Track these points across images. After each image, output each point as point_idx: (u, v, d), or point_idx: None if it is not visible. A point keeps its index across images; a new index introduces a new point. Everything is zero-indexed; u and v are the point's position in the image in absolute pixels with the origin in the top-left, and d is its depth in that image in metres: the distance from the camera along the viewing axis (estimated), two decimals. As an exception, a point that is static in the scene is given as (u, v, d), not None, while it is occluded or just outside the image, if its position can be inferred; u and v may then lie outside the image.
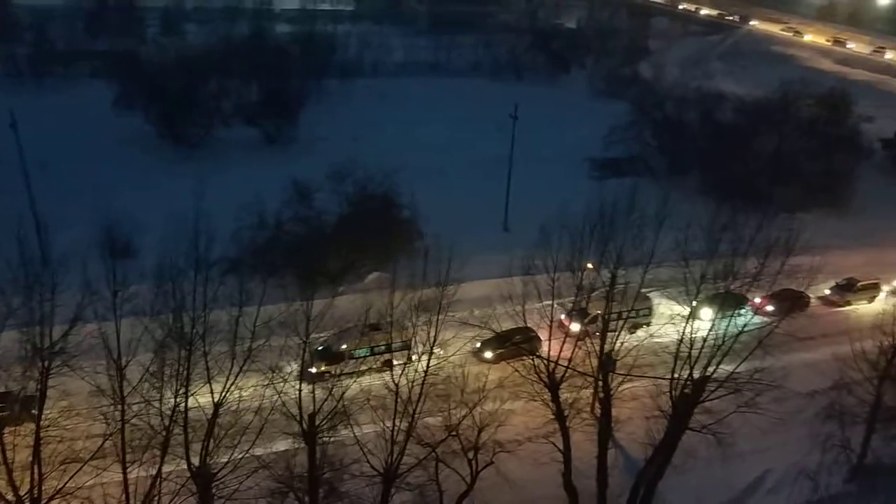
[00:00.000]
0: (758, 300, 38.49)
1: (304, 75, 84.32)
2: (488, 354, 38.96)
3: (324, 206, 47.61)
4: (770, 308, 39.66)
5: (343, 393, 25.88)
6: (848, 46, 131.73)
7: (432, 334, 26.17)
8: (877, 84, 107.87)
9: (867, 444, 32.10)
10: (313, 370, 33.78)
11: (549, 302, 30.22)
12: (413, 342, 30.56)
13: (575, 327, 36.42)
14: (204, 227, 23.38)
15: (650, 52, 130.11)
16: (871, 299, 49.38)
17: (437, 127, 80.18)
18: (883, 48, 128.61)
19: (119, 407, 22.40)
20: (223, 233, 32.09)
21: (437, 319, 26.21)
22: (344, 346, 36.14)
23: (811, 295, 46.05)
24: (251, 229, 45.14)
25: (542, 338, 35.56)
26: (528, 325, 33.04)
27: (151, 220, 40.42)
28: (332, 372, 29.92)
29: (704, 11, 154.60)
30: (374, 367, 36.71)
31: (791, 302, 39.38)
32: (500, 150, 59.55)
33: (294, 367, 27.52)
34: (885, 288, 50.77)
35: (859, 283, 49.38)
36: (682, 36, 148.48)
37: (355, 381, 29.84)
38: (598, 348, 29.32)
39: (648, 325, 34.78)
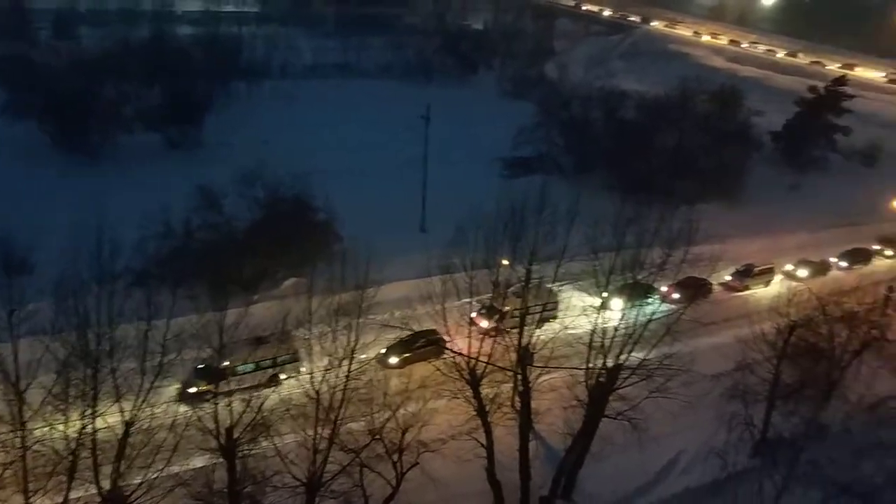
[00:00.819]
0: (664, 289, 40.14)
1: (209, 78, 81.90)
2: (393, 360, 37.72)
3: (234, 212, 46.25)
4: (676, 296, 41.49)
5: (262, 404, 25.32)
6: (743, 46, 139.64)
7: (353, 338, 25.95)
8: (764, 80, 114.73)
9: (768, 421, 33.87)
10: (192, 390, 32.21)
11: (468, 300, 30.60)
12: (303, 353, 29.58)
13: (484, 324, 37.08)
14: (107, 238, 22.37)
15: (555, 53, 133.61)
16: (768, 283, 52.40)
17: (349, 129, 79.67)
18: (756, 43, 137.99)
19: (19, 433, 21.12)
20: (128, 243, 30.83)
21: (358, 323, 26.02)
22: (226, 363, 31.68)
23: (713, 282, 48.37)
24: (157, 238, 43.26)
25: (447, 339, 35.21)
26: (433, 328, 33.13)
27: (50, 233, 38.08)
28: (213, 391, 27.23)
29: (607, 12, 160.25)
30: (261, 383, 33.46)
31: (695, 289, 41.36)
32: (413, 151, 59.73)
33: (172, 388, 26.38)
34: (779, 272, 53.98)
35: (756, 269, 52.23)
36: (584, 36, 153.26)
37: (274, 391, 29.25)
38: (516, 343, 29.87)
39: (555, 318, 35.43)
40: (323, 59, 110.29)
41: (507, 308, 34.44)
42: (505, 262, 30.59)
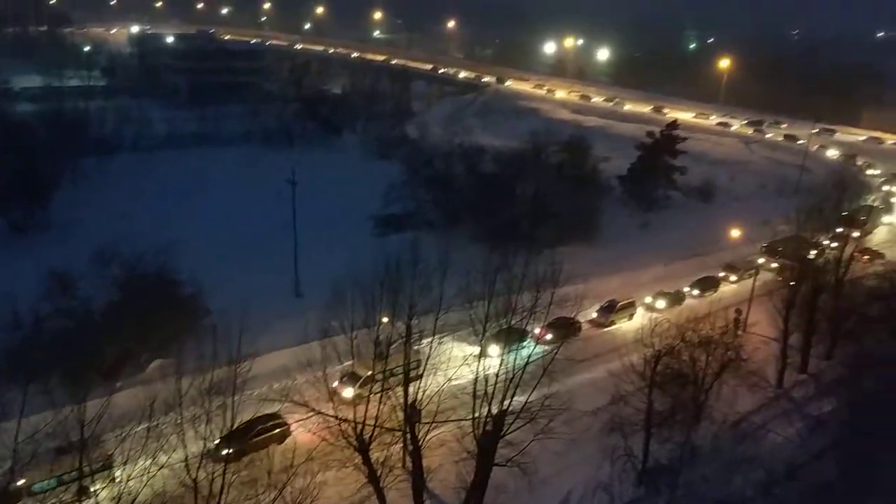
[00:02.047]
0: (537, 331, 41.37)
1: (55, 155, 76.92)
2: (226, 452, 31.74)
3: (90, 294, 43.25)
4: (549, 336, 42.83)
5: (134, 499, 23.39)
6: (594, 100, 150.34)
7: (229, 417, 24.71)
8: (607, 128, 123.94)
9: (647, 449, 35.32)
10: None
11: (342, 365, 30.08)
12: (118, 459, 26.05)
13: (348, 393, 36.52)
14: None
15: (414, 114, 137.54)
16: (631, 317, 55.35)
17: (212, 198, 77.38)
18: (588, 97, 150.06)
19: None
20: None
21: (234, 400, 24.85)
22: (22, 481, 26.43)
23: (581, 320, 50.60)
24: (3, 330, 39.53)
25: (293, 420, 33.97)
26: (274, 412, 31.95)
27: None
28: None
29: (463, 74, 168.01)
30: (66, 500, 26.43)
31: (566, 328, 43.11)
32: (282, 216, 58.78)
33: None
34: (640, 305, 57.35)
35: (619, 304, 54.89)
36: (440, 97, 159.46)
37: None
38: (402, 402, 29.65)
39: (420, 376, 34.28)
40: (178, 129, 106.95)
41: (368, 373, 34.13)
42: (385, 319, 30.55)
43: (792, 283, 47.89)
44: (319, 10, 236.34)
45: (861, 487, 31.67)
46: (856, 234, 56.52)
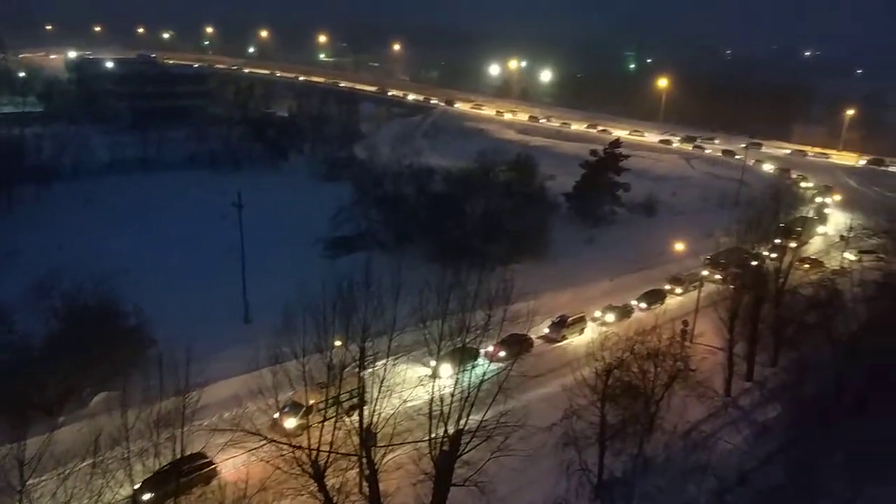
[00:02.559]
0: (490, 348, 41.60)
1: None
2: (147, 497, 30.22)
3: (28, 327, 41.63)
4: (502, 354, 43.08)
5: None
6: (541, 120, 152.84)
7: (178, 449, 24.04)
8: (553, 147, 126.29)
9: (602, 462, 35.57)
10: None
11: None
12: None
13: (290, 423, 35.77)
14: None
15: (362, 135, 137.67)
16: (581, 331, 56.09)
17: (157, 224, 75.77)
18: (535, 118, 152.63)
19: None
20: None
21: (182, 432, 24.20)
22: None
23: (533, 336, 51.03)
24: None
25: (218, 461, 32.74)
26: (200, 451, 31.46)
27: None
28: None
29: (412, 96, 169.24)
30: None
31: (518, 345, 43.39)
32: (229, 240, 57.83)
33: None
34: (590, 319, 58.19)
35: (570, 319, 55.61)
36: (388, 119, 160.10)
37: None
38: (356, 426, 29.32)
39: (363, 404, 32.18)
40: (121, 154, 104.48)
41: (311, 402, 33.55)
42: (338, 342, 30.23)
43: (737, 292, 49.24)
44: (264, 33, 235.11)
45: (808, 490, 32.58)
46: (793, 244, 58.64)
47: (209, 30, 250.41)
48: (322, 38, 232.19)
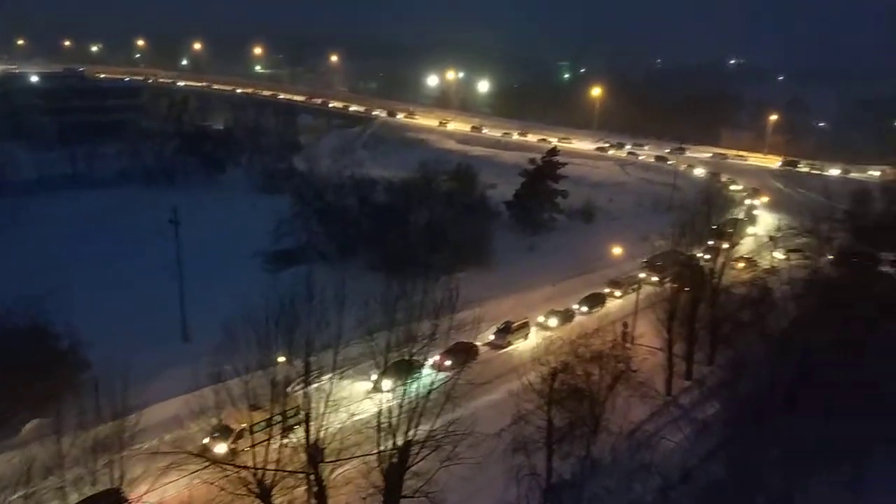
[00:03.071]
0: (437, 358, 41.57)
1: None
2: None
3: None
4: (448, 363, 43.20)
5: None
6: (484, 131, 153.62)
7: (116, 475, 23.21)
8: (493, 157, 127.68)
9: (550, 466, 35.92)
10: None
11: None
12: None
13: (220, 448, 34.77)
14: None
15: (301, 147, 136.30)
16: (526, 336, 56.66)
17: (89, 243, 73.19)
18: (478, 128, 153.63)
19: None
20: None
21: (121, 457, 23.37)
22: None
23: (479, 343, 51.33)
24: None
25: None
26: (116, 487, 30.42)
27: None
28: None
29: (353, 108, 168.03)
30: None
31: (464, 354, 43.57)
32: (166, 257, 56.32)
33: None
34: (533, 324, 58.84)
35: (514, 325, 56.19)
36: (327, 130, 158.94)
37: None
38: (303, 442, 28.87)
39: (299, 425, 31.16)
40: (48, 171, 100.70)
41: (242, 425, 33.00)
42: (281, 358, 29.75)
43: (674, 294, 50.60)
44: (197, 45, 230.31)
45: (748, 485, 33.63)
46: (725, 245, 60.73)
47: (140, 42, 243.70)
48: (258, 50, 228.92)
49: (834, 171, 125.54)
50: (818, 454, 33.41)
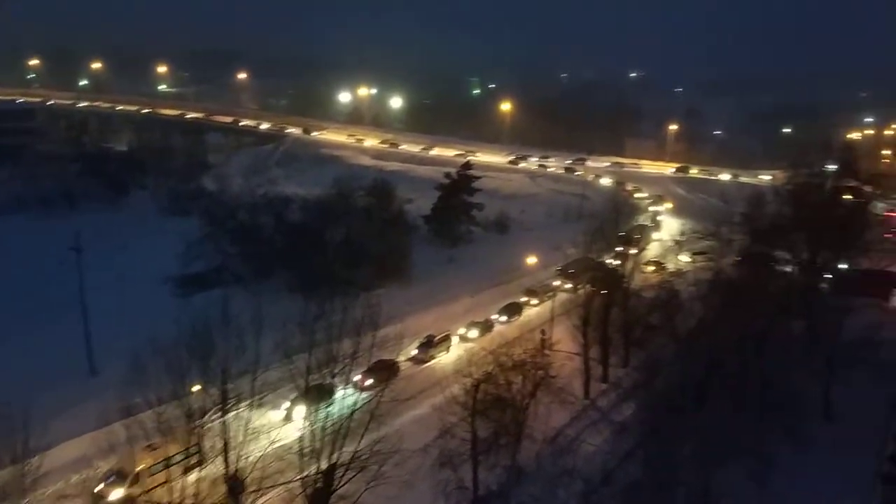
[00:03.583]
0: (358, 377, 40.45)
1: None
2: None
3: None
4: (369, 382, 42.62)
5: None
6: (401, 147, 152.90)
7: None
8: (408, 172, 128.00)
9: (476, 478, 36.19)
10: None
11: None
12: None
13: (116, 495, 33.15)
14: None
15: (211, 166, 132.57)
16: (448, 349, 56.92)
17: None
18: (395, 143, 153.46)
19: None
20: None
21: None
22: None
23: (403, 358, 50.94)
24: None
25: None
26: None
27: None
28: None
29: (265, 126, 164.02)
30: None
31: (385, 371, 43.10)
32: (68, 286, 53.44)
33: None
34: (455, 337, 59.29)
35: (436, 339, 56.43)
36: (237, 149, 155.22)
37: None
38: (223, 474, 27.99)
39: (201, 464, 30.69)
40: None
41: (140, 467, 31.71)
42: (196, 387, 28.75)
43: (587, 299, 52.07)
44: (97, 65, 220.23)
45: (665, 482, 34.90)
46: (633, 251, 63.07)
47: (33, 62, 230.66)
48: (162, 69, 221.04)
49: (724, 176, 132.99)
50: (727, 448, 35.08)
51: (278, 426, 30.62)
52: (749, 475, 35.41)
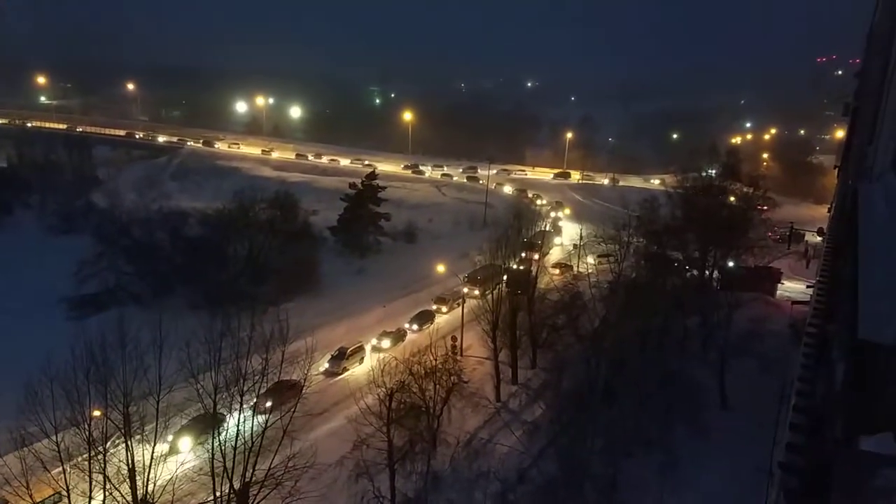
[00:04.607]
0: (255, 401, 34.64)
1: None
2: None
3: None
4: (269, 404, 36.07)
5: None
6: (309, 155, 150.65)
7: None
8: (312, 183, 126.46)
9: (393, 486, 36.25)
10: None
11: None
12: None
13: None
14: None
15: (100, 181, 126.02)
16: (361, 360, 56.54)
17: None
18: (304, 155, 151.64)
19: None
20: None
21: None
22: None
23: (315, 371, 50.01)
24: None
25: None
26: None
27: None
28: None
29: (162, 138, 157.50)
30: None
31: (286, 392, 40.75)
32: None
33: None
34: (368, 347, 59.05)
35: (348, 350, 56.01)
36: (129, 162, 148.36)
37: None
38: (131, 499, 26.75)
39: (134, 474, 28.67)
40: None
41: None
42: (97, 412, 27.35)
43: (495, 305, 53.11)
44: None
45: (577, 476, 36.10)
46: (536, 256, 64.84)
47: None
48: (41, 79, 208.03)
49: (605, 181, 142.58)
50: (634, 441, 36.73)
51: (161, 459, 28.75)
52: (656, 466, 37.11)
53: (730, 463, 38.20)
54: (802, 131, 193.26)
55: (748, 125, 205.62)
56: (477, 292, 66.93)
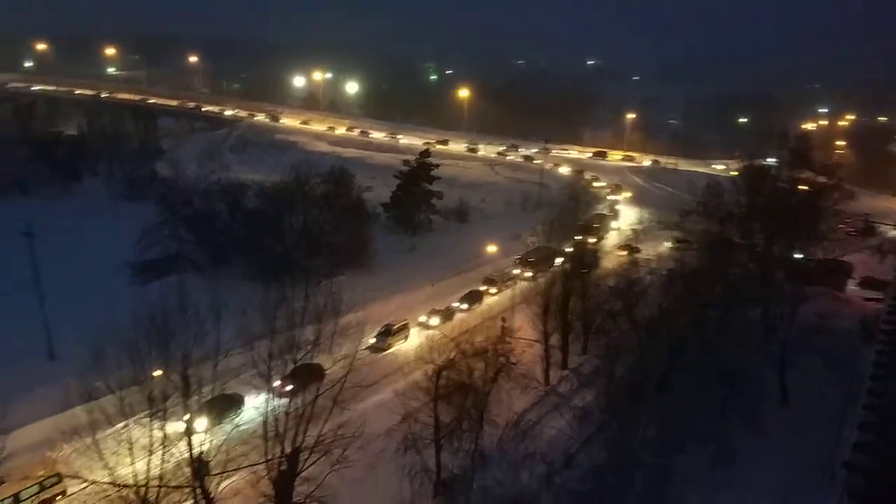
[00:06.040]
0: (277, 383, 32.41)
1: None
2: None
3: None
4: (289, 388, 32.95)
5: None
6: (372, 132, 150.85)
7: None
8: (366, 159, 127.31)
9: (439, 461, 36.62)
10: None
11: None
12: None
13: None
14: None
15: (164, 151, 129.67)
16: (406, 338, 56.94)
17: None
18: (367, 132, 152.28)
19: None
20: None
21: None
22: None
23: (362, 346, 49.81)
24: None
25: None
26: None
27: None
28: None
29: (229, 112, 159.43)
30: None
31: (308, 377, 40.12)
32: (21, 272, 51.84)
33: None
34: (415, 324, 59.20)
35: (394, 327, 56.37)
36: (190, 133, 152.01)
37: None
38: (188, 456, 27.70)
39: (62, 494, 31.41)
40: None
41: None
42: (158, 372, 28.33)
43: (547, 288, 52.60)
44: (42, 46, 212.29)
45: (628, 465, 35.66)
46: (592, 240, 63.75)
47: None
48: (110, 51, 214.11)
49: (646, 163, 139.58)
50: (688, 433, 36.05)
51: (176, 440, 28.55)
52: (709, 460, 36.39)
53: (788, 460, 37.20)
54: (883, 118, 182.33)
55: (823, 111, 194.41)
56: (529, 274, 66.56)
